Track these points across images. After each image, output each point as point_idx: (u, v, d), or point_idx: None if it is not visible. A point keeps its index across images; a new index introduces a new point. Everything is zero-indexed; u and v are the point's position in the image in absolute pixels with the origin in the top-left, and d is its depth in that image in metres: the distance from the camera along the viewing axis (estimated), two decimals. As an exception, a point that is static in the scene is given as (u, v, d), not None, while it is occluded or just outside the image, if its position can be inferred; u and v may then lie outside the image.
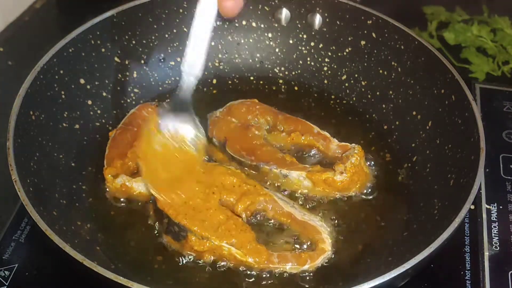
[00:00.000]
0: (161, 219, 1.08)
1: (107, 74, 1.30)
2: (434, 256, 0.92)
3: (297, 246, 1.07)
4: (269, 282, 1.03)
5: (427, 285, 1.08)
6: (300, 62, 1.42)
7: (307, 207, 1.14)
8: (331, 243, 1.07)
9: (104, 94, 1.29)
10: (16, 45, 1.61)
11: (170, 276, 1.03)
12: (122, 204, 1.14)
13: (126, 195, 1.15)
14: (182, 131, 1.08)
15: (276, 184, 1.17)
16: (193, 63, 1.06)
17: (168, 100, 1.29)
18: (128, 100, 1.33)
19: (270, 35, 1.43)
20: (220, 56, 1.43)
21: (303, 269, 1.03)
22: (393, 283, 0.91)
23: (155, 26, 1.35)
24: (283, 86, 1.41)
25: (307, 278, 1.03)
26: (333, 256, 1.06)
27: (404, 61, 1.29)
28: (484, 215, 1.20)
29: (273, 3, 1.40)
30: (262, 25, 1.43)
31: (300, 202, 1.15)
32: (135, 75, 1.35)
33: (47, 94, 1.16)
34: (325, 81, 1.41)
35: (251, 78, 1.43)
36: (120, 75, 1.32)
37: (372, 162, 1.23)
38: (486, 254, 1.14)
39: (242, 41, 1.44)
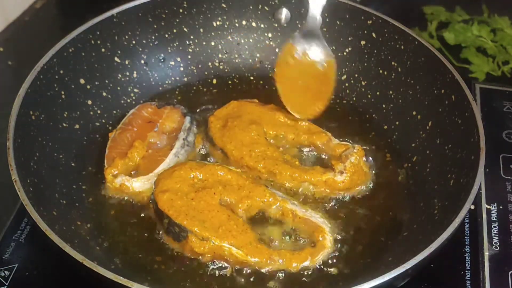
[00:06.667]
0: (161, 219, 1.08)
1: (107, 74, 1.30)
2: (434, 256, 0.92)
3: (298, 243, 1.07)
4: (270, 281, 1.03)
5: (427, 285, 1.08)
6: (300, 62, 1.42)
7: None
8: (332, 240, 1.07)
9: (104, 94, 1.29)
10: (16, 45, 1.61)
11: (170, 276, 1.03)
12: (122, 204, 1.14)
13: (126, 195, 1.15)
14: (313, 55, 1.24)
15: (276, 184, 1.17)
16: None
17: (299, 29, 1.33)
18: (128, 100, 1.33)
19: (270, 35, 1.43)
20: (220, 56, 1.43)
21: (303, 266, 1.04)
22: (393, 283, 0.91)
23: (155, 26, 1.36)
24: (283, 86, 1.41)
25: (308, 278, 1.03)
26: (333, 254, 1.06)
27: (404, 61, 1.29)
28: (484, 215, 1.20)
29: (273, 3, 1.40)
30: (262, 25, 1.43)
31: (301, 202, 1.15)
32: (135, 75, 1.35)
33: (47, 94, 1.16)
34: (325, 81, 1.40)
35: (251, 78, 1.43)
36: (120, 75, 1.32)
37: (372, 162, 1.23)
38: (486, 254, 1.14)
39: (242, 41, 1.44)
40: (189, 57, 1.41)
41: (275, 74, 1.28)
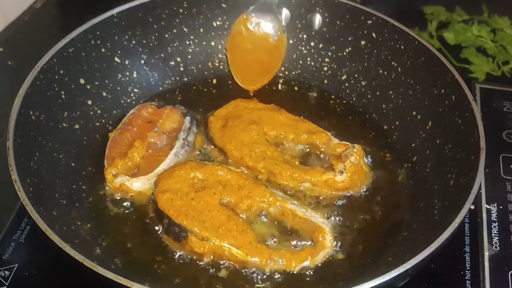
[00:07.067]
0: (161, 219, 1.08)
1: (107, 74, 1.30)
2: (434, 256, 0.92)
3: (298, 243, 1.07)
4: (270, 282, 1.03)
5: (427, 285, 1.08)
6: (300, 62, 1.42)
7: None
8: (332, 240, 1.07)
9: (104, 94, 1.29)
10: (16, 45, 1.61)
11: (170, 276, 1.03)
12: (122, 204, 1.14)
13: (126, 194, 1.15)
14: (266, 28, 1.30)
15: (276, 184, 1.17)
16: None
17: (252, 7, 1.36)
18: (128, 100, 1.33)
19: (270, 35, 1.43)
20: (220, 56, 1.43)
21: (303, 266, 1.04)
22: (393, 283, 0.91)
23: (155, 26, 1.36)
24: (283, 86, 1.41)
25: (308, 278, 1.03)
26: (333, 254, 1.06)
27: (404, 61, 1.29)
28: (484, 215, 1.20)
29: (273, 3, 1.40)
30: (262, 25, 1.43)
31: (301, 202, 1.15)
32: (135, 75, 1.35)
33: (47, 94, 1.16)
34: (325, 81, 1.41)
35: (251, 78, 1.43)
36: (120, 75, 1.32)
37: (372, 162, 1.23)
38: (486, 254, 1.14)
39: (242, 41, 1.44)
40: (189, 57, 1.41)
41: (227, 43, 1.34)
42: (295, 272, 1.03)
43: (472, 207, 1.19)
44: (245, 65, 1.34)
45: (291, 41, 1.42)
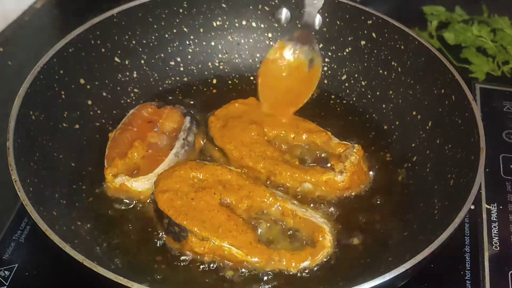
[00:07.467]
0: (161, 219, 1.08)
1: (107, 74, 1.30)
2: (434, 256, 0.92)
3: (298, 243, 1.07)
4: (270, 282, 1.03)
5: (427, 285, 1.08)
6: (300, 62, 1.42)
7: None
8: (332, 240, 1.07)
9: (104, 94, 1.29)
10: (16, 45, 1.61)
11: (170, 276, 1.03)
12: (122, 204, 1.14)
13: (126, 194, 1.15)
14: (303, 56, 1.25)
15: (276, 184, 1.17)
16: None
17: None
18: (128, 100, 1.33)
19: (270, 35, 1.43)
20: (220, 56, 1.43)
21: (303, 266, 1.04)
22: (393, 283, 0.91)
23: (155, 26, 1.36)
24: (283, 86, 1.41)
25: (308, 277, 1.03)
26: (333, 254, 1.06)
27: (404, 61, 1.29)
28: (484, 215, 1.20)
29: (273, 3, 1.40)
30: (262, 25, 1.43)
31: (301, 202, 1.15)
32: (135, 75, 1.35)
33: (47, 94, 1.16)
34: (325, 81, 1.40)
35: (251, 78, 1.43)
36: (120, 75, 1.32)
37: (372, 162, 1.23)
38: (486, 254, 1.14)
39: (242, 41, 1.44)
40: (189, 57, 1.41)
41: (260, 70, 1.30)
42: (295, 272, 1.04)
43: (472, 207, 1.19)
44: (275, 93, 1.29)
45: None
